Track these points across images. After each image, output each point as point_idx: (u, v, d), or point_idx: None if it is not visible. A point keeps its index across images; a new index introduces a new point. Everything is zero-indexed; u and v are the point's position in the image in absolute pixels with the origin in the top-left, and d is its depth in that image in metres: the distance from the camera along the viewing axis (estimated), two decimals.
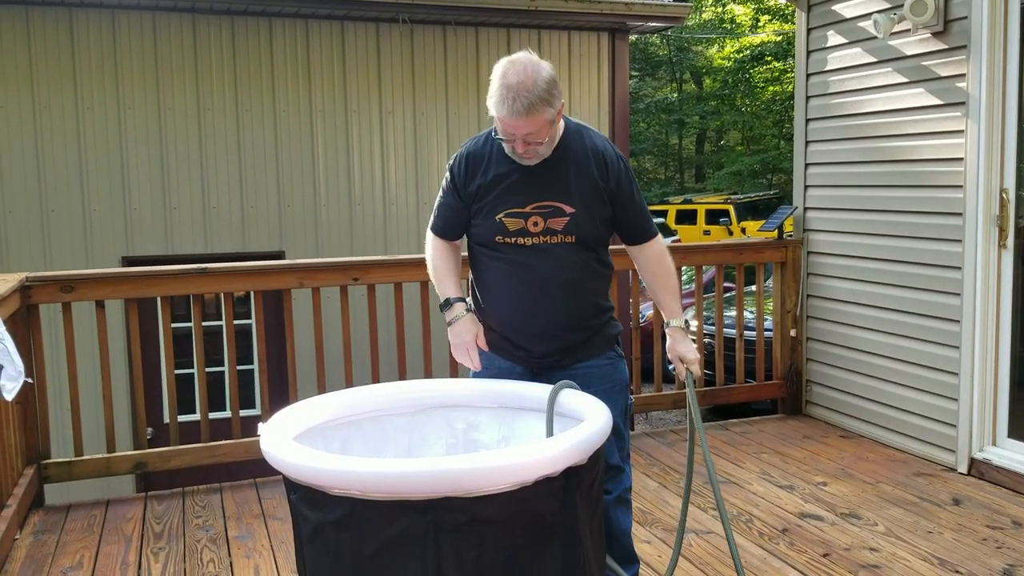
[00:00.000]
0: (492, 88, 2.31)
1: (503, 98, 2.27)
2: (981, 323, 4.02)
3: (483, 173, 2.50)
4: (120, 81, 6.36)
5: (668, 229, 19.28)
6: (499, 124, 2.35)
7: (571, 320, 2.54)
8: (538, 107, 2.27)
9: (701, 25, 29.09)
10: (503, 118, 2.30)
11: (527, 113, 2.27)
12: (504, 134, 2.36)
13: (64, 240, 6.28)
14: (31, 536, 3.59)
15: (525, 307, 2.52)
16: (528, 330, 2.55)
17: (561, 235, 2.47)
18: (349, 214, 6.98)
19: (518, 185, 2.46)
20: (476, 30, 7.23)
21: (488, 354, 2.62)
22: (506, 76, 2.29)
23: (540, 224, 2.46)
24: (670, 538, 3.45)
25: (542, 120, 2.30)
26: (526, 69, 2.28)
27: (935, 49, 4.18)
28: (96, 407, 4.25)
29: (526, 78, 2.27)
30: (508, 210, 2.47)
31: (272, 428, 2.04)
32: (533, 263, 2.48)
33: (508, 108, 2.27)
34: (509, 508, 1.79)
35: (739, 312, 5.15)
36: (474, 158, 2.52)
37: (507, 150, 2.44)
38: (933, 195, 4.24)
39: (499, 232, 2.49)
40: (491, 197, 2.48)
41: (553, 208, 2.46)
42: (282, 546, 3.44)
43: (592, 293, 2.58)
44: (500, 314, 2.58)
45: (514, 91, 2.26)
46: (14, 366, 2.93)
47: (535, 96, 2.26)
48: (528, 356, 2.58)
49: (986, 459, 4.03)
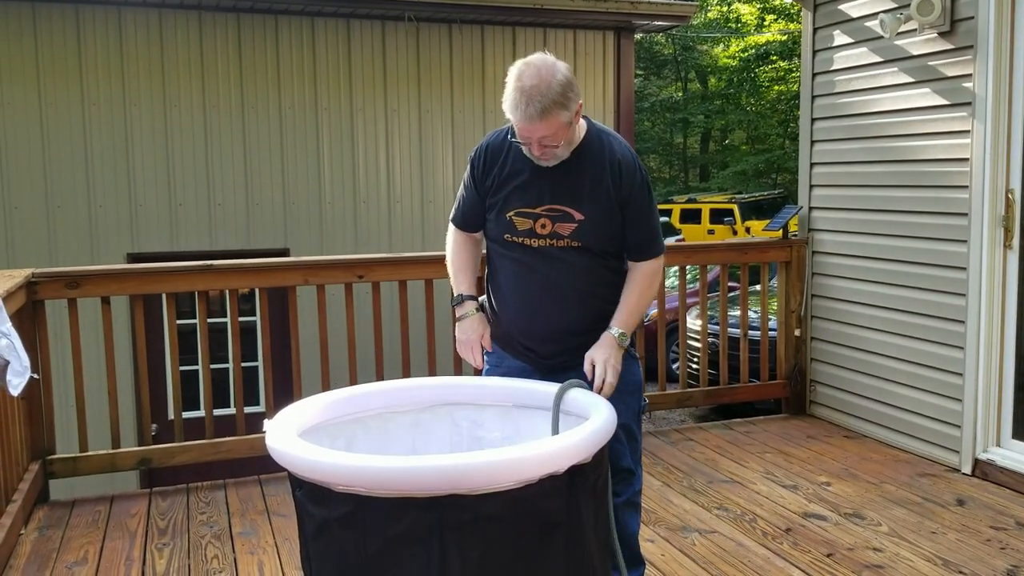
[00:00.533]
0: (507, 91, 2.28)
1: (516, 102, 2.25)
2: (986, 324, 4.01)
3: (500, 167, 2.48)
4: (126, 78, 6.38)
5: (672, 228, 19.27)
6: (515, 126, 2.32)
7: (574, 325, 2.52)
8: (552, 111, 2.24)
9: (706, 24, 29.07)
10: (518, 122, 2.28)
11: (541, 117, 2.24)
12: (520, 137, 2.34)
13: (69, 236, 6.30)
14: (36, 531, 3.60)
15: (530, 309, 2.51)
16: (533, 332, 2.55)
17: (567, 240, 2.45)
18: (354, 212, 6.99)
19: (532, 184, 2.44)
20: (482, 28, 7.23)
21: (500, 353, 2.62)
22: (521, 79, 2.25)
23: (548, 227, 2.44)
24: (674, 537, 3.46)
25: (557, 123, 2.27)
26: (540, 72, 2.24)
27: (941, 49, 4.17)
28: (101, 403, 4.26)
29: (540, 81, 2.23)
30: (519, 208, 2.46)
31: (277, 425, 2.04)
32: (539, 266, 2.47)
33: (522, 112, 2.24)
34: (513, 506, 1.79)
35: (743, 312, 5.14)
36: (493, 150, 2.51)
37: (524, 151, 2.41)
38: (939, 195, 4.24)
39: (508, 231, 2.49)
40: (504, 193, 2.47)
41: (563, 213, 2.43)
42: (286, 543, 3.45)
43: (598, 299, 2.53)
44: (508, 314, 2.58)
45: (527, 95, 2.22)
46: (20, 362, 2.94)
47: (549, 100, 2.22)
48: (536, 357, 2.58)
49: (990, 460, 4.02)
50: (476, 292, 2.63)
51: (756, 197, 21.63)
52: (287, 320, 4.33)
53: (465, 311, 2.56)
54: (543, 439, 2.19)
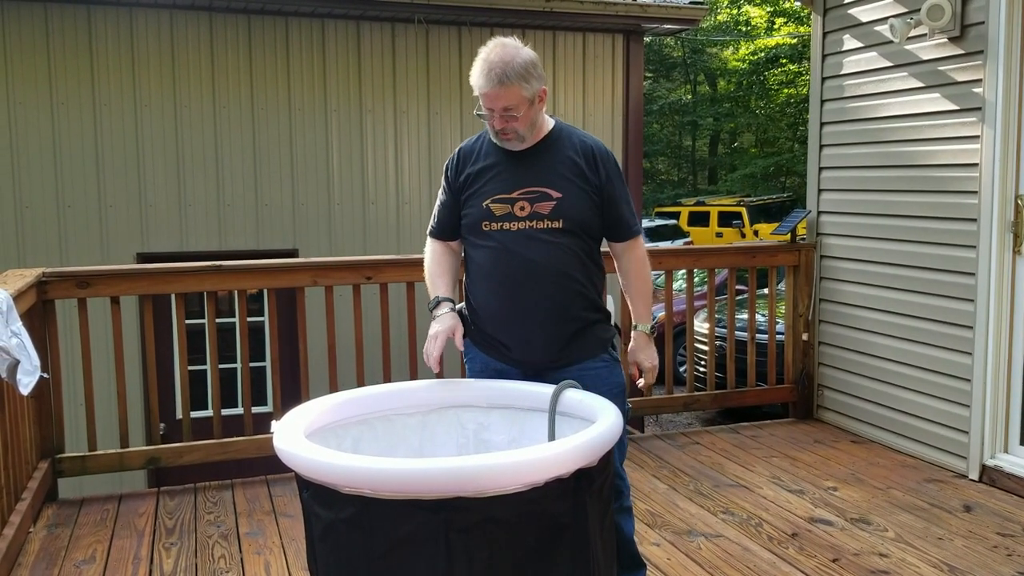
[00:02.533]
0: (474, 65, 2.42)
1: (481, 71, 2.38)
2: (995, 329, 4.00)
3: (472, 163, 2.58)
4: (137, 78, 6.41)
5: (680, 231, 19.26)
6: (480, 98, 2.43)
7: (556, 308, 2.50)
8: (513, 80, 2.36)
9: (716, 27, 29.03)
10: (480, 88, 2.40)
11: (500, 83, 2.35)
12: (484, 108, 2.43)
13: (80, 236, 6.33)
14: (45, 529, 3.62)
15: (509, 292, 2.50)
16: (513, 318, 2.51)
17: (548, 220, 2.48)
18: (363, 213, 7.01)
19: (505, 173, 2.52)
20: (491, 31, 7.25)
21: (484, 357, 2.62)
22: (487, 52, 2.41)
23: (527, 208, 2.48)
24: (680, 541, 3.46)
25: (518, 95, 2.38)
26: (506, 47, 2.40)
27: (951, 54, 4.16)
28: (110, 402, 4.28)
29: (504, 54, 2.38)
30: (495, 196, 2.51)
31: (284, 426, 2.05)
32: (519, 248, 2.48)
33: (484, 78, 2.37)
34: (520, 509, 1.80)
35: (751, 315, 5.14)
36: (465, 152, 2.63)
37: (490, 135, 2.52)
38: (948, 200, 4.23)
39: (486, 218, 2.51)
40: (479, 185, 2.55)
41: (540, 193, 2.49)
42: (292, 543, 3.46)
43: (579, 284, 2.53)
44: (487, 304, 2.55)
45: (490, 64, 2.37)
46: (30, 361, 2.96)
47: (511, 69, 2.36)
48: (521, 355, 2.54)
49: (998, 466, 4.01)
50: (453, 298, 2.64)
51: (765, 200, 21.59)
52: (295, 321, 4.34)
53: (441, 311, 2.56)
54: (549, 442, 2.20)
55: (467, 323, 2.63)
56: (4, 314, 2.93)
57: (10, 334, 2.92)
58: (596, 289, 2.60)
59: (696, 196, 25.25)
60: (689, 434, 4.94)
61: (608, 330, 2.64)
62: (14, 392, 3.24)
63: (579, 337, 2.55)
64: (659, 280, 7.85)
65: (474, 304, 2.62)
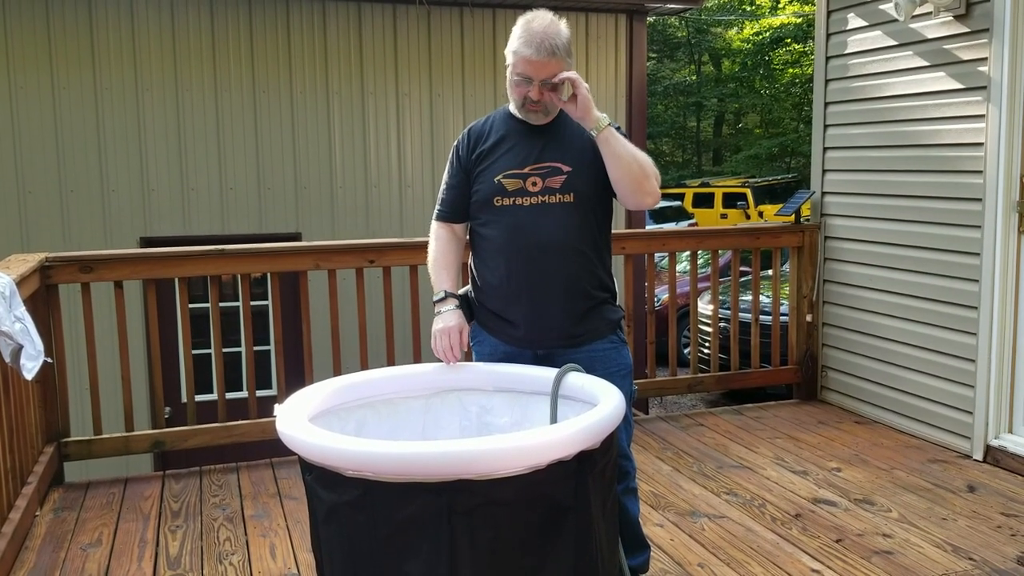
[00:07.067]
0: (515, 34, 2.43)
1: (529, 40, 2.38)
2: (999, 310, 3.99)
3: (484, 141, 2.59)
4: (138, 62, 6.38)
5: (685, 212, 19.21)
6: (519, 65, 2.41)
7: (571, 282, 2.51)
8: (560, 54, 2.39)
9: (720, 6, 28.84)
10: (528, 57, 2.38)
11: (552, 54, 2.37)
12: (522, 76, 2.42)
13: (83, 220, 6.33)
14: (51, 513, 3.64)
15: (523, 267, 2.49)
16: (526, 293, 2.51)
17: (560, 194, 2.48)
18: (365, 196, 6.99)
19: (516, 149, 2.53)
20: (493, 11, 7.20)
21: (492, 340, 2.62)
22: (531, 23, 2.42)
23: (539, 184, 2.49)
24: (683, 522, 3.47)
25: (562, 68, 2.40)
26: (553, 22, 2.42)
27: (957, 32, 4.13)
28: (114, 386, 4.29)
29: (551, 27, 2.40)
30: (507, 171, 2.52)
31: (288, 409, 2.06)
32: (531, 224, 2.48)
33: (535, 48, 2.37)
34: (522, 491, 1.80)
35: (755, 297, 5.13)
36: (476, 131, 2.64)
37: (513, 105, 2.53)
38: (952, 180, 4.21)
39: (498, 193, 2.51)
40: (490, 161, 2.55)
41: (550, 168, 2.50)
42: (297, 525, 3.48)
43: (591, 262, 2.55)
44: (498, 280, 2.54)
45: (540, 35, 2.38)
46: (34, 345, 2.96)
47: (560, 42, 2.39)
48: (528, 333, 2.54)
49: (1002, 446, 4.01)
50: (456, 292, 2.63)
51: (769, 181, 21.51)
52: (299, 304, 4.34)
53: (446, 306, 2.57)
54: (552, 425, 2.20)
55: (473, 306, 2.64)
56: (7, 299, 2.94)
57: (13, 319, 2.92)
58: (605, 267, 2.62)
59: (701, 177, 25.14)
60: (693, 415, 4.94)
61: (616, 311, 2.64)
62: (19, 377, 3.25)
63: (589, 316, 2.56)
64: (662, 262, 7.83)
65: (482, 283, 2.62)
